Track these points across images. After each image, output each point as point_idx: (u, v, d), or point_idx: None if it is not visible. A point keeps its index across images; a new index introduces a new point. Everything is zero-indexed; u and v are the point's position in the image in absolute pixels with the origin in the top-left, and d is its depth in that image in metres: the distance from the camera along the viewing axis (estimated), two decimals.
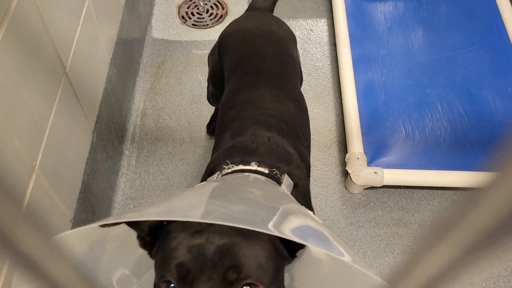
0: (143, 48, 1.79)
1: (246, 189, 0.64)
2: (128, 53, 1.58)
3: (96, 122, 1.25)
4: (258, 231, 0.54)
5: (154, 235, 0.61)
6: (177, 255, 0.54)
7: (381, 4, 1.84)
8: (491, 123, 1.52)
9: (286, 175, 0.74)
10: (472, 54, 1.69)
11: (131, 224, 0.59)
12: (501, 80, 1.62)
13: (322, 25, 1.89)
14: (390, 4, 1.84)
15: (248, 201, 0.57)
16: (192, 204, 0.54)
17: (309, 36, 1.85)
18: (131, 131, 1.57)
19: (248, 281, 0.52)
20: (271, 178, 0.72)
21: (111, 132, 1.39)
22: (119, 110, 1.49)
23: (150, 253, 0.62)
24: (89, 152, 1.19)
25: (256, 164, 0.73)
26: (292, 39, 1.10)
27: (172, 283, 0.53)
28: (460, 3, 1.85)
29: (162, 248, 0.57)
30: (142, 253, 0.67)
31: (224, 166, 0.74)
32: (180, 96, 1.66)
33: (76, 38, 1.10)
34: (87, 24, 1.18)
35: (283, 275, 0.60)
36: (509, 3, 1.82)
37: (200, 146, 1.55)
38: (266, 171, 0.72)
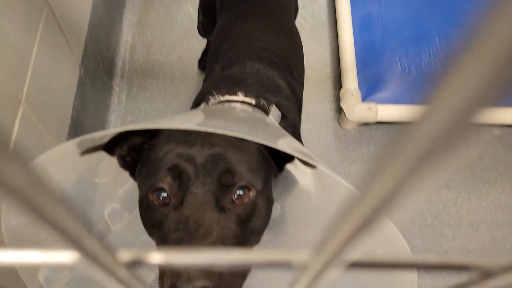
0: None
1: (233, 115, 0.63)
2: None
3: (82, 56, 1.20)
4: (247, 142, 0.54)
5: (134, 157, 0.60)
6: (167, 161, 0.52)
7: None
8: None
9: (273, 105, 0.72)
10: None
11: (109, 148, 0.58)
12: None
13: None
14: None
15: (239, 119, 0.58)
16: (185, 120, 0.53)
17: None
18: (120, 66, 1.53)
19: (243, 183, 0.52)
20: (258, 108, 0.71)
21: (99, 66, 1.35)
22: (106, 43, 1.43)
23: (132, 174, 0.61)
24: (77, 87, 1.16)
25: (242, 94, 0.71)
26: None
27: (164, 191, 0.52)
28: None
29: (147, 161, 0.56)
30: (132, 185, 0.67)
31: (210, 97, 0.73)
32: (170, 30, 1.60)
33: None
34: None
35: (271, 185, 0.60)
36: None
37: (192, 81, 1.52)
38: (253, 101, 0.71)
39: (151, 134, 0.59)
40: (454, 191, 1.38)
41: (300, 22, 1.61)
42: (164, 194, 0.52)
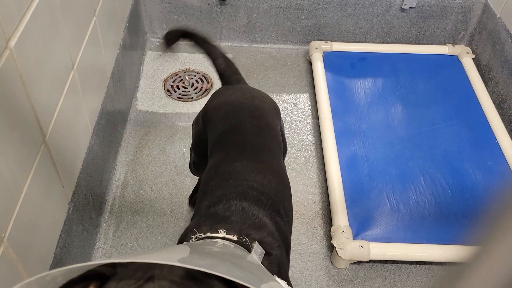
0: (127, 119, 1.79)
1: (214, 250, 0.61)
2: (111, 123, 1.57)
3: (73, 193, 1.21)
4: (206, 285, 0.51)
5: None
6: None
7: (361, 81, 1.91)
8: (474, 196, 1.52)
9: (256, 242, 0.71)
10: (450, 128, 1.74)
11: None
12: (480, 154, 1.65)
13: (304, 99, 1.94)
14: (370, 81, 1.91)
15: (216, 256, 0.55)
16: (168, 256, 0.51)
17: (292, 109, 1.89)
18: (110, 203, 1.52)
19: None
20: (240, 245, 0.69)
21: (89, 203, 1.34)
22: (98, 180, 1.45)
23: None
24: (64, 224, 1.14)
25: (224, 231, 0.70)
26: (276, 111, 1.11)
27: None
28: (436, 80, 1.93)
29: None
30: None
31: (191, 236, 0.71)
32: (163, 167, 1.64)
33: (59, 107, 1.10)
34: (71, 94, 1.18)
35: None
36: (481, 80, 1.91)
37: (182, 218, 1.50)
38: (235, 238, 0.69)
39: (103, 279, 0.56)
40: None
41: (289, 161, 1.67)
42: None
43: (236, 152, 0.96)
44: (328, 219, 1.52)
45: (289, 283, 0.74)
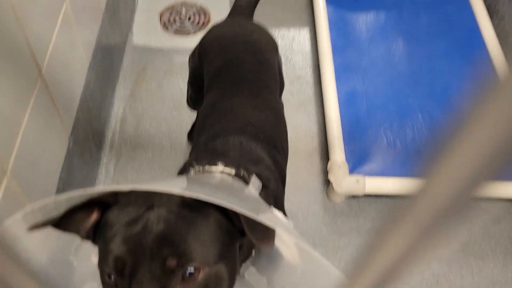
0: (124, 54, 1.76)
1: (211, 183, 0.63)
2: (107, 58, 1.55)
3: (73, 127, 1.21)
4: (201, 213, 0.54)
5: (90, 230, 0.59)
6: (112, 248, 0.52)
7: (363, 15, 1.85)
8: None
9: (254, 175, 0.72)
10: (452, 64, 1.71)
11: (62, 225, 0.56)
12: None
13: (304, 34, 1.89)
14: (372, 14, 1.86)
15: (216, 187, 0.57)
16: (167, 185, 0.53)
17: (291, 45, 1.85)
18: (109, 138, 1.53)
19: (190, 265, 0.51)
20: (238, 178, 0.71)
21: (88, 138, 1.35)
22: (97, 116, 1.45)
23: (93, 241, 0.60)
24: (65, 158, 1.16)
25: (222, 164, 0.72)
26: (274, 47, 1.09)
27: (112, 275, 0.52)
28: (439, 14, 1.88)
29: (101, 238, 0.56)
30: None
31: (190, 168, 0.73)
32: (161, 103, 1.64)
33: (53, 40, 1.07)
34: (65, 27, 1.15)
35: (235, 252, 0.59)
36: (486, 14, 1.86)
37: (181, 153, 1.52)
38: (233, 171, 0.71)
39: (106, 207, 0.58)
40: (445, 266, 1.35)
41: (288, 97, 1.66)
42: (113, 278, 0.52)
43: (233, 88, 0.96)
44: (325, 154, 1.54)
45: (285, 215, 0.77)
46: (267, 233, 0.52)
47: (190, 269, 0.51)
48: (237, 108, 0.91)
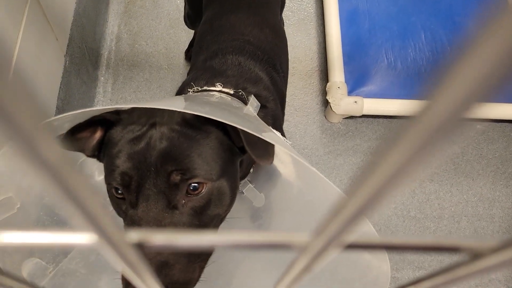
0: None
1: (211, 101, 0.64)
2: None
3: (68, 45, 1.19)
4: (202, 131, 0.55)
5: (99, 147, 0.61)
6: (118, 164, 0.54)
7: None
8: None
9: (252, 95, 0.73)
10: None
11: (67, 144, 0.57)
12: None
13: None
14: None
15: (215, 105, 0.58)
16: (168, 103, 0.54)
17: None
18: (105, 57, 1.51)
19: (194, 180, 0.53)
20: (236, 98, 0.71)
21: (84, 56, 1.33)
22: (92, 33, 1.42)
23: (98, 158, 0.62)
24: (62, 77, 1.15)
25: (221, 85, 0.72)
26: None
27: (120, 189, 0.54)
28: None
29: (106, 154, 0.57)
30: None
31: (188, 90, 0.73)
32: (157, 20, 1.59)
33: None
34: None
35: (236, 169, 0.61)
36: None
37: (178, 73, 1.51)
38: (231, 91, 0.71)
39: (109, 125, 0.59)
40: (437, 184, 1.40)
41: (288, 15, 1.61)
42: (120, 191, 0.54)
43: (231, 5, 0.93)
44: (324, 75, 1.53)
45: (283, 135, 0.78)
46: (267, 150, 0.53)
47: (194, 184, 0.53)
48: (235, 26, 0.89)
